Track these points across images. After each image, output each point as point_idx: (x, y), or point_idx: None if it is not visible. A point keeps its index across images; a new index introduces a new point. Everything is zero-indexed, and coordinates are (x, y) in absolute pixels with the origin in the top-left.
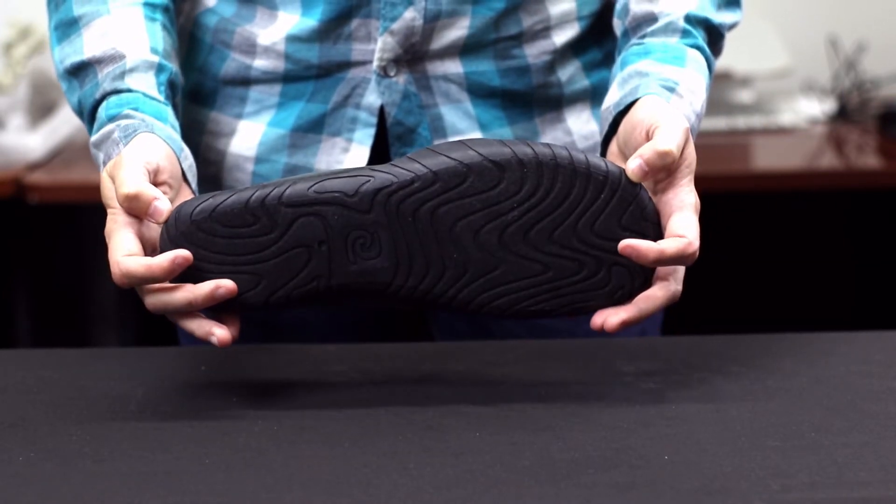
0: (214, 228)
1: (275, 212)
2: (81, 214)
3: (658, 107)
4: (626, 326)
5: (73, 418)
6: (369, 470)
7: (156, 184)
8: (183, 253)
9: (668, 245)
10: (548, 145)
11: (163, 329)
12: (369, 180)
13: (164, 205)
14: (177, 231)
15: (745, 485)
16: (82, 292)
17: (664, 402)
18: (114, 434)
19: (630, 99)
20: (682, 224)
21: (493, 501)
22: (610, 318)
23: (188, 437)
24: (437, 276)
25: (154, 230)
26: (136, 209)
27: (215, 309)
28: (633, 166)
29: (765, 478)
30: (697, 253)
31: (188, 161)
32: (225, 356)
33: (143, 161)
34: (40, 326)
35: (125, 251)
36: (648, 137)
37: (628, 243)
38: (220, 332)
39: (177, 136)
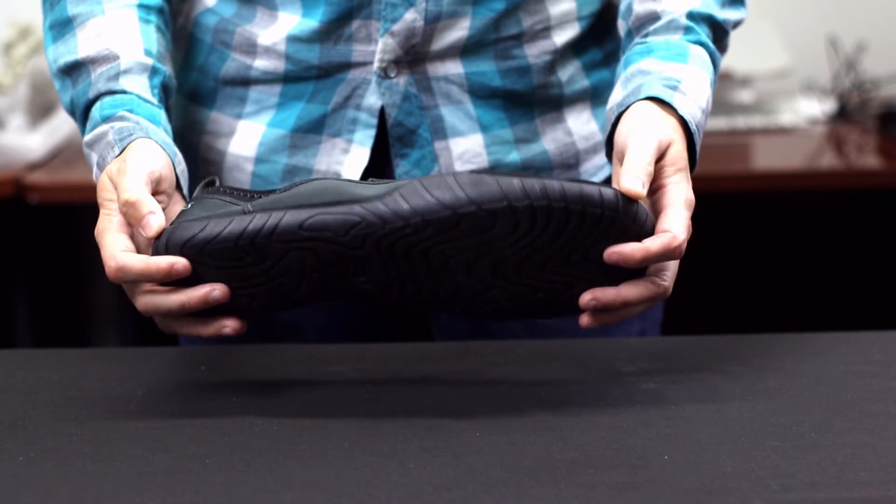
0: (205, 261)
1: (265, 246)
2: (81, 214)
3: (636, 122)
4: (599, 304)
5: (73, 418)
6: (369, 470)
7: (156, 193)
8: (182, 261)
9: (652, 242)
10: (541, 181)
11: None
12: (359, 222)
13: (156, 220)
14: (167, 255)
15: (745, 485)
16: (82, 292)
17: (664, 402)
18: (114, 434)
19: (633, 99)
20: (668, 220)
21: (493, 501)
22: (584, 294)
23: (188, 437)
24: (429, 297)
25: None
26: (131, 216)
27: (212, 311)
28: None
29: (765, 478)
30: (684, 246)
31: (181, 166)
32: (225, 356)
33: (147, 170)
34: (40, 326)
35: (122, 247)
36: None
37: (613, 250)
38: (231, 322)
39: (170, 141)
